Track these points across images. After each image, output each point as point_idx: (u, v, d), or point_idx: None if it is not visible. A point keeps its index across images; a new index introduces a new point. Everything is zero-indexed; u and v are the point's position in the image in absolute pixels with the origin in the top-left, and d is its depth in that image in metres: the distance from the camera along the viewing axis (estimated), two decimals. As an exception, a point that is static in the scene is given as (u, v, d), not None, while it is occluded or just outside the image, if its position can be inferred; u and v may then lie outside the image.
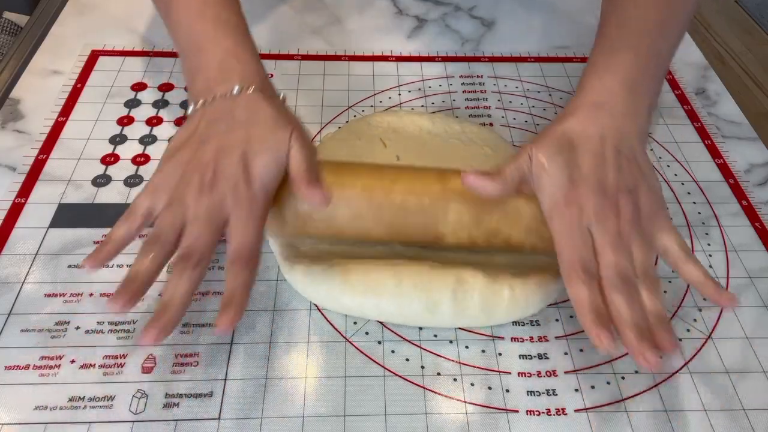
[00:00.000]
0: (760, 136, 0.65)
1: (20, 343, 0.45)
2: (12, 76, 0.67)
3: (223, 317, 0.38)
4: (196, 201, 0.41)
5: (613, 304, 0.40)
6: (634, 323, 0.39)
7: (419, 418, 0.43)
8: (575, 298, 0.40)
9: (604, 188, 0.43)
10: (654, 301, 0.40)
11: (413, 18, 0.79)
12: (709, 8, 0.84)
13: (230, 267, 0.40)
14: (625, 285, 0.40)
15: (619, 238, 0.41)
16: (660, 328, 0.39)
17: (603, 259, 0.41)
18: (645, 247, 0.42)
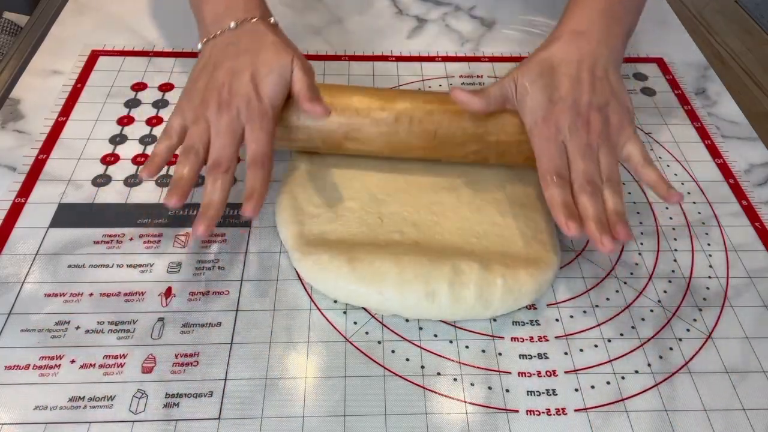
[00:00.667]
0: (760, 136, 0.65)
1: (20, 343, 0.45)
2: (12, 76, 0.67)
3: (247, 205, 0.46)
4: (216, 117, 0.49)
5: (580, 203, 0.47)
6: (595, 217, 0.46)
7: (419, 418, 0.43)
8: (550, 198, 0.48)
9: (578, 107, 0.50)
10: (615, 201, 0.47)
11: (413, 18, 0.79)
12: (709, 8, 0.84)
13: (250, 169, 0.48)
14: (591, 187, 0.47)
15: (588, 149, 0.48)
16: (617, 222, 0.46)
17: (573, 167, 0.48)
18: (610, 157, 0.49)
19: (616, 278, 0.52)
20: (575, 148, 0.48)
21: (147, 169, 0.48)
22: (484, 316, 0.48)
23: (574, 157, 0.48)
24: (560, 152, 0.49)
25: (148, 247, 0.52)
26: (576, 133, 0.49)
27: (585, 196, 0.47)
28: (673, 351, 0.47)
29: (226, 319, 0.48)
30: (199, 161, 0.49)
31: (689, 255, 0.54)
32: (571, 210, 0.46)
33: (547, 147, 0.49)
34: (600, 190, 0.47)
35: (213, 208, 0.46)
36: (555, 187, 0.47)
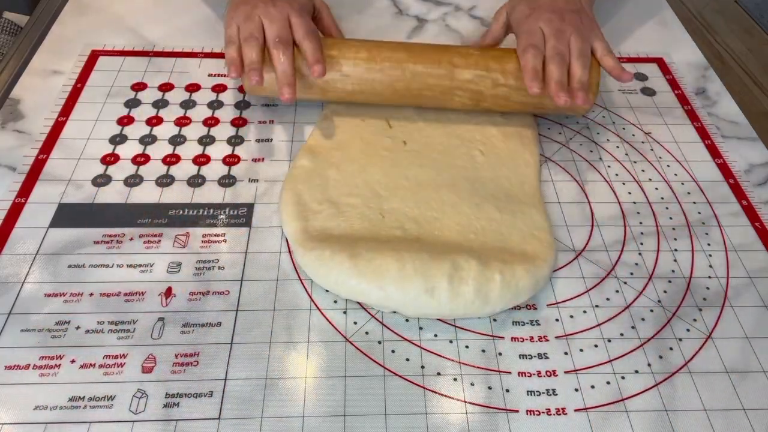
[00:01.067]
0: (760, 136, 0.65)
1: (20, 343, 0.45)
2: (12, 76, 0.67)
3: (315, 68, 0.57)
4: (265, 11, 0.59)
5: (547, 70, 0.57)
6: (557, 79, 0.56)
7: (419, 418, 0.43)
8: (524, 63, 0.57)
9: (555, 9, 0.61)
10: (580, 72, 0.57)
11: (413, 18, 0.79)
12: (709, 8, 0.84)
13: (305, 40, 0.58)
14: (558, 58, 0.57)
15: (561, 33, 0.59)
16: (578, 89, 0.57)
17: (547, 44, 0.58)
18: (581, 42, 0.59)
19: (616, 278, 0.52)
20: (550, 31, 0.59)
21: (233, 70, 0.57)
22: (483, 312, 0.48)
23: (548, 37, 0.58)
24: (538, 33, 0.59)
25: (148, 247, 0.52)
26: (552, 22, 0.59)
27: (552, 65, 0.57)
28: (673, 351, 0.47)
29: (226, 319, 0.47)
30: (261, 45, 0.58)
31: (689, 255, 0.54)
32: (538, 73, 0.56)
33: (528, 31, 0.59)
34: (566, 63, 0.57)
35: (288, 75, 0.57)
36: (530, 56, 0.57)
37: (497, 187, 0.56)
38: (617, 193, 0.59)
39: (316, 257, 0.49)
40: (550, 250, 0.51)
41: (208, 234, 0.53)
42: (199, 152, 0.60)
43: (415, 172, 0.56)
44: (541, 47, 0.58)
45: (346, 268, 0.48)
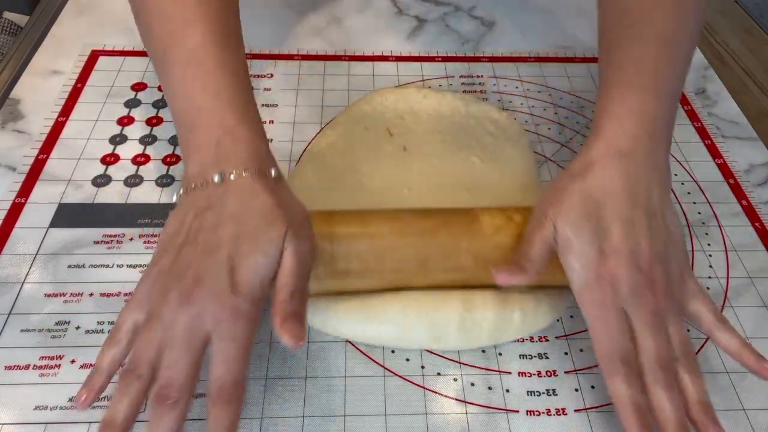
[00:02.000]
0: (760, 136, 0.65)
1: (20, 343, 0.45)
2: (12, 76, 0.67)
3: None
4: (173, 318, 0.36)
5: (655, 399, 0.38)
6: (676, 422, 0.37)
7: (419, 418, 0.43)
8: (616, 394, 0.38)
9: (637, 260, 0.39)
10: (697, 387, 0.38)
11: (413, 18, 0.79)
12: (710, 8, 0.84)
13: (212, 405, 0.36)
14: (666, 375, 0.38)
15: (656, 318, 0.39)
16: (706, 421, 0.38)
17: (642, 346, 0.38)
18: (680, 323, 0.39)
19: (616, 278, 0.52)
20: (641, 320, 0.38)
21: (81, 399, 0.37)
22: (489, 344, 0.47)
23: (641, 332, 0.38)
24: (622, 327, 0.39)
25: (148, 247, 0.52)
26: (639, 298, 0.39)
27: (660, 390, 0.37)
28: (673, 351, 0.47)
29: (226, 319, 0.47)
30: (143, 390, 0.36)
31: (689, 255, 0.54)
32: (645, 415, 0.37)
33: (605, 319, 0.39)
34: (676, 377, 0.38)
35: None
36: (622, 382, 0.37)
37: (497, 195, 0.55)
38: (617, 193, 0.59)
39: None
40: None
41: (208, 234, 0.53)
42: (199, 152, 0.60)
43: (416, 180, 0.56)
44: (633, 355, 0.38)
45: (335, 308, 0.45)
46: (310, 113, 0.64)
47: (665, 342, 0.38)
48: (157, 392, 0.35)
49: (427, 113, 0.62)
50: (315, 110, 0.65)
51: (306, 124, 0.63)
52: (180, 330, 0.36)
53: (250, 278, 0.37)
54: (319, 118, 0.64)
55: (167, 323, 0.36)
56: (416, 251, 0.44)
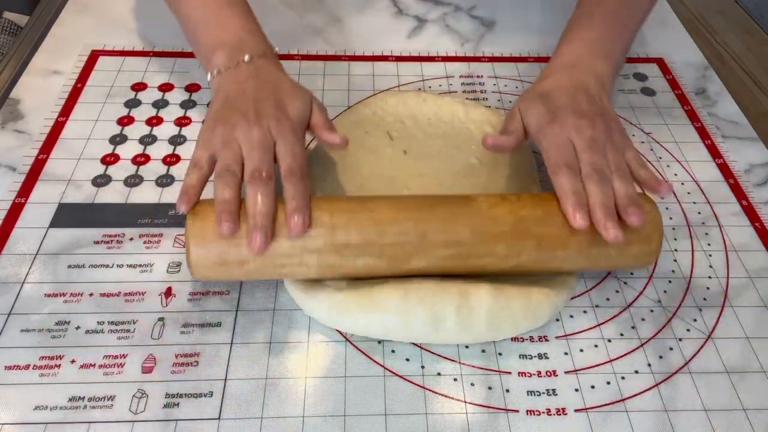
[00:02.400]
0: (760, 136, 0.65)
1: (20, 343, 0.45)
2: (12, 76, 0.67)
3: (292, 221, 0.44)
4: (246, 135, 0.47)
5: (588, 191, 0.46)
6: (602, 204, 0.45)
7: (419, 418, 0.43)
8: (560, 187, 0.47)
9: (580, 112, 0.50)
10: (626, 187, 0.47)
11: (413, 18, 0.79)
12: (709, 8, 0.84)
13: (287, 181, 0.46)
14: (598, 175, 0.46)
15: (595, 143, 0.48)
16: (629, 205, 0.45)
17: (582, 159, 0.48)
18: (617, 153, 0.49)
19: (616, 278, 0.52)
20: (582, 142, 0.48)
21: (184, 202, 0.45)
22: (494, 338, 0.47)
23: (581, 150, 0.48)
24: (568, 146, 0.49)
25: (148, 247, 0.52)
26: (582, 130, 0.49)
27: (592, 185, 0.46)
28: (673, 351, 0.47)
29: (226, 319, 0.47)
30: (238, 181, 0.46)
31: (689, 255, 0.54)
32: (580, 198, 0.45)
33: (555, 143, 0.49)
34: (607, 179, 0.47)
35: (265, 217, 0.43)
36: (565, 177, 0.46)
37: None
38: (617, 193, 0.59)
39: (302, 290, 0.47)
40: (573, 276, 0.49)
41: (208, 234, 0.53)
42: (199, 152, 0.60)
43: (416, 182, 0.56)
44: (575, 163, 0.47)
45: (338, 300, 0.45)
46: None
47: (600, 157, 0.48)
48: (252, 174, 0.45)
49: (427, 117, 0.62)
50: (315, 110, 0.65)
51: (306, 124, 0.63)
52: (256, 139, 0.47)
53: (295, 112, 0.50)
54: (319, 118, 0.64)
55: (243, 139, 0.47)
56: (415, 224, 0.45)
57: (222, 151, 0.47)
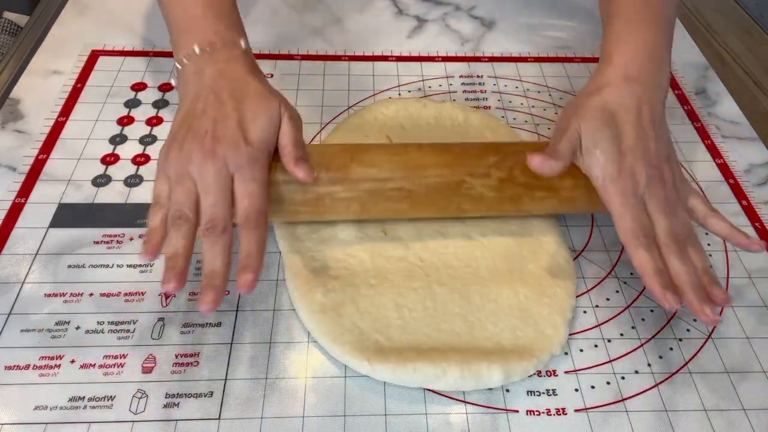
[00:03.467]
0: (760, 136, 0.65)
1: (20, 343, 0.45)
2: (12, 76, 0.67)
3: (243, 277, 0.41)
4: (201, 170, 0.44)
5: (671, 266, 0.44)
6: (692, 283, 0.43)
7: (419, 418, 0.43)
8: (639, 263, 0.44)
9: (649, 159, 0.46)
10: (701, 259, 0.45)
11: (413, 18, 0.79)
12: (709, 8, 0.84)
13: (242, 230, 0.43)
14: (679, 247, 0.44)
15: (668, 204, 0.46)
16: (712, 284, 0.44)
17: (658, 225, 0.45)
18: (684, 211, 0.47)
19: (616, 278, 0.52)
20: (657, 204, 0.45)
21: (147, 251, 0.42)
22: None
23: (656, 213, 0.45)
24: (641, 208, 0.45)
25: (148, 247, 0.52)
26: (654, 187, 0.45)
27: (675, 259, 0.44)
28: (673, 351, 0.47)
29: (226, 319, 0.47)
30: (192, 227, 0.43)
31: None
32: (666, 278, 0.43)
33: (627, 202, 0.45)
34: (686, 250, 0.45)
35: (218, 277, 0.42)
36: (644, 251, 0.44)
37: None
38: (617, 193, 0.59)
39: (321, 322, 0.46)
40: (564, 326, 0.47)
41: (208, 234, 0.53)
42: (199, 152, 0.60)
43: None
44: (651, 232, 0.45)
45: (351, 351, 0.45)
46: (310, 113, 0.64)
47: (676, 222, 0.45)
48: (207, 227, 0.43)
49: (427, 122, 0.62)
50: (315, 110, 0.65)
51: (306, 124, 0.63)
52: (210, 177, 0.43)
53: (259, 135, 0.46)
54: (319, 118, 0.64)
55: (197, 175, 0.44)
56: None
57: (176, 188, 0.44)
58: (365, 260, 0.50)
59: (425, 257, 0.50)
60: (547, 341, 0.46)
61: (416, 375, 0.43)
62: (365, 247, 0.50)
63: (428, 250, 0.51)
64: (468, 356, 0.44)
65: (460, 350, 0.45)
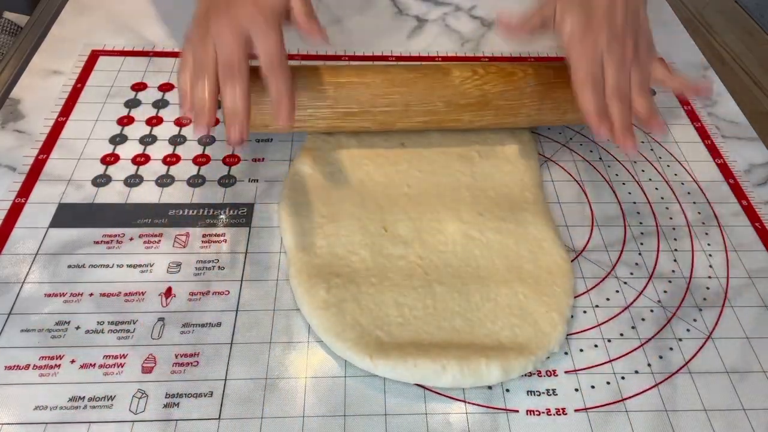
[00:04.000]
0: (760, 136, 0.65)
1: (20, 343, 0.45)
2: (12, 76, 0.67)
3: (280, 113, 0.48)
4: (217, 26, 0.48)
5: (610, 108, 0.51)
6: (622, 121, 0.50)
7: (419, 418, 0.43)
8: (584, 102, 0.51)
9: (614, 28, 0.52)
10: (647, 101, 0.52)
11: (413, 18, 0.79)
12: (709, 8, 0.84)
13: (268, 74, 0.48)
14: (621, 94, 0.51)
15: (622, 64, 0.51)
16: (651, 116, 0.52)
17: (607, 78, 0.51)
18: (642, 74, 0.53)
19: (616, 278, 0.52)
20: (610, 62, 0.51)
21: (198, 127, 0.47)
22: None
23: (609, 69, 0.51)
24: (597, 64, 0.51)
25: (148, 247, 0.52)
26: (612, 50, 0.51)
27: (615, 102, 0.50)
28: (673, 351, 0.47)
29: (226, 319, 0.48)
30: (213, 77, 0.48)
31: (689, 255, 0.54)
32: (603, 113, 0.50)
33: (585, 59, 0.51)
34: (629, 100, 0.51)
35: (240, 113, 0.47)
36: (590, 91, 0.50)
37: (498, 195, 0.56)
38: (617, 193, 0.59)
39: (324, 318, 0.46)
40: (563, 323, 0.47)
41: (208, 234, 0.53)
42: (199, 152, 0.60)
43: (415, 178, 0.56)
44: (601, 81, 0.51)
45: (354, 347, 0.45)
46: (310, 113, 0.64)
47: (625, 78, 0.52)
48: (222, 67, 0.47)
49: None
50: (315, 110, 0.65)
51: (306, 124, 0.63)
52: (225, 29, 0.48)
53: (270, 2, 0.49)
54: (319, 118, 0.64)
55: (216, 35, 0.48)
56: (401, 97, 0.56)
57: (198, 50, 0.48)
58: (366, 258, 0.50)
59: (425, 255, 0.50)
60: (545, 339, 0.46)
61: (416, 371, 0.43)
62: (366, 245, 0.51)
63: (428, 248, 0.51)
64: (467, 353, 0.44)
65: (459, 347, 0.45)
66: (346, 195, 0.54)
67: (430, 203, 0.54)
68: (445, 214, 0.53)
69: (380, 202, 0.54)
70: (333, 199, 0.54)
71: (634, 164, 0.61)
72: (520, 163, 0.58)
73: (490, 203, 0.55)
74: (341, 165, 0.57)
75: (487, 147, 0.60)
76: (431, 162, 0.58)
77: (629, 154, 0.52)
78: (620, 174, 0.60)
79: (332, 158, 0.58)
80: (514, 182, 0.57)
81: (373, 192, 0.55)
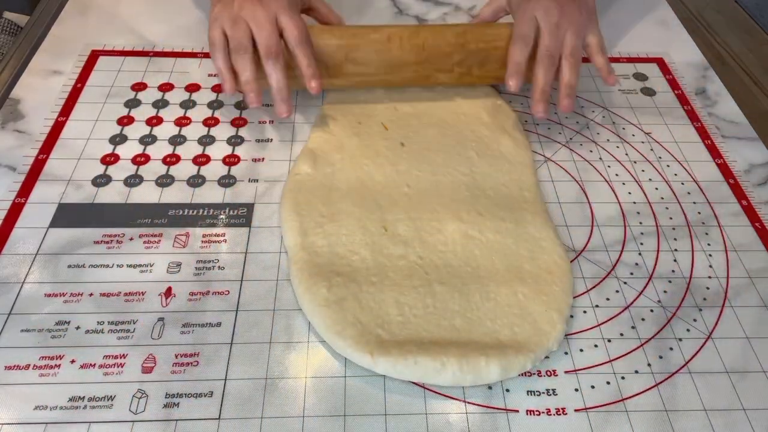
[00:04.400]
0: (760, 136, 0.65)
1: (20, 343, 0.45)
2: (12, 76, 0.67)
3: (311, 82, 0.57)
4: (253, 13, 0.56)
5: (535, 71, 0.58)
6: (541, 86, 0.58)
7: (419, 418, 0.43)
8: (510, 54, 0.58)
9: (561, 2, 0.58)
10: (570, 75, 0.58)
11: (413, 18, 0.79)
12: (709, 8, 0.84)
13: (298, 49, 0.57)
14: (548, 60, 0.58)
15: (556, 28, 0.58)
16: (566, 95, 0.58)
17: (540, 41, 0.58)
18: (576, 39, 0.58)
19: (616, 278, 0.52)
20: (545, 26, 0.58)
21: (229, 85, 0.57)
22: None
23: (542, 32, 0.58)
24: (532, 26, 0.58)
25: (148, 247, 0.52)
26: (548, 14, 0.58)
27: (540, 67, 0.57)
28: (673, 351, 0.47)
29: (226, 319, 0.48)
30: (251, 56, 0.56)
31: (689, 255, 0.54)
32: (520, 69, 0.58)
33: (522, 21, 0.59)
34: (554, 65, 0.58)
35: (284, 90, 0.56)
36: (518, 49, 0.58)
37: (497, 194, 0.56)
38: (617, 193, 0.59)
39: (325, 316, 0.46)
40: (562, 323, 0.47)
41: (208, 234, 0.53)
42: (199, 152, 0.60)
43: (415, 178, 0.56)
44: (531, 40, 0.58)
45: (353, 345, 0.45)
46: (310, 113, 0.64)
47: (556, 42, 0.58)
48: (265, 52, 0.56)
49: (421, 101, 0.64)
50: (314, 110, 0.65)
51: (306, 123, 0.63)
52: (262, 18, 0.56)
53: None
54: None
55: (250, 17, 0.56)
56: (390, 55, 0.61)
57: (232, 29, 0.56)
58: (367, 258, 0.50)
59: (425, 255, 0.50)
60: (544, 337, 0.46)
61: (416, 368, 0.43)
62: (366, 245, 0.51)
63: (428, 248, 0.51)
64: (467, 350, 0.44)
65: (459, 345, 0.45)
66: (347, 195, 0.54)
67: (430, 203, 0.54)
68: (445, 214, 0.53)
69: (380, 202, 0.54)
70: (333, 198, 0.54)
71: (634, 164, 0.61)
72: (517, 161, 0.59)
73: (489, 203, 0.55)
74: (341, 165, 0.57)
75: (482, 145, 0.60)
76: (431, 162, 0.58)
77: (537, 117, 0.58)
78: (620, 174, 0.60)
79: (332, 158, 0.58)
80: (513, 182, 0.57)
81: (373, 192, 0.55)
